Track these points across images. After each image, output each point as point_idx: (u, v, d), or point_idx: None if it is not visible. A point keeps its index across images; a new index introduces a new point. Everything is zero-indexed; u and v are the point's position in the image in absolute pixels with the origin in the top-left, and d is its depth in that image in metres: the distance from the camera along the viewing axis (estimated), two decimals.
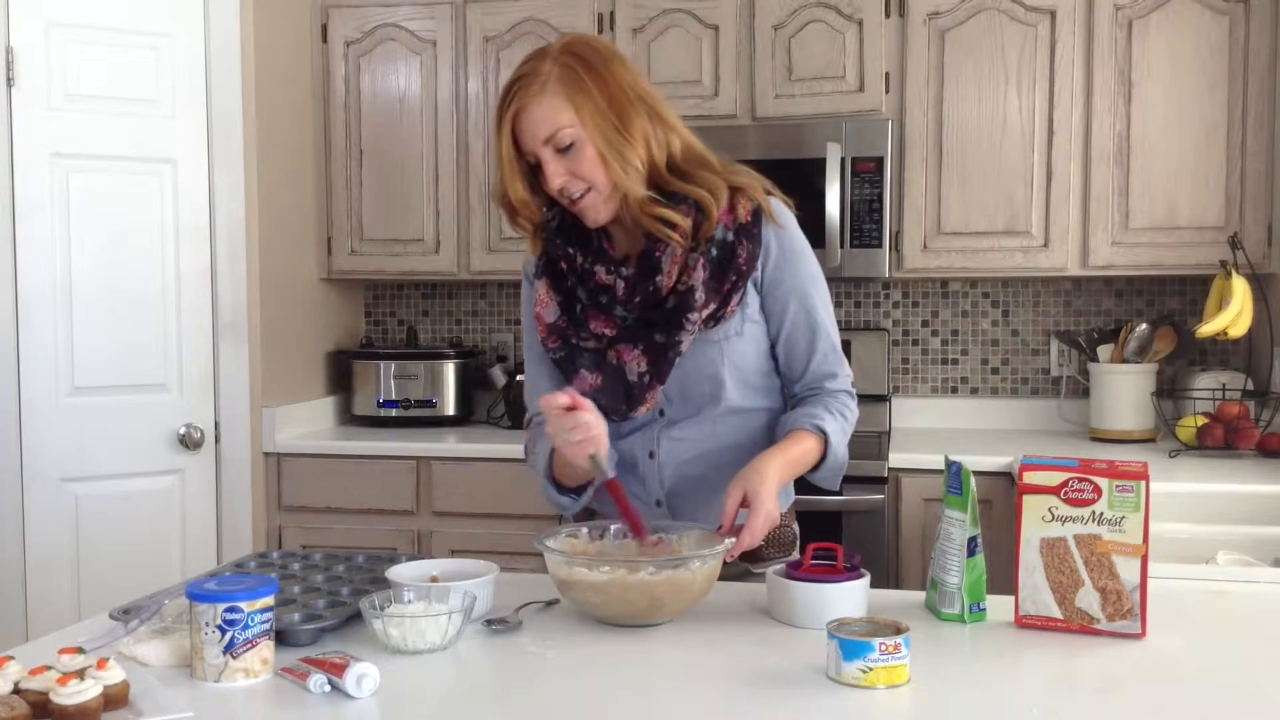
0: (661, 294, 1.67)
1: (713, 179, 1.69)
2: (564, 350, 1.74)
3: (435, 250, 3.57)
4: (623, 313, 1.70)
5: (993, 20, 3.21)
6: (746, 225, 1.69)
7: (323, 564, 1.74)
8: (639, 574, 1.45)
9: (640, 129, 1.64)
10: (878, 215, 3.22)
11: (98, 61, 3.01)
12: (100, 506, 3.04)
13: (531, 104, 1.60)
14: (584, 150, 1.61)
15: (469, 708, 1.26)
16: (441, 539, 3.27)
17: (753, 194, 1.71)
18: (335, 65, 3.60)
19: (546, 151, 1.62)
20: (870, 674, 1.24)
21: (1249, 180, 3.11)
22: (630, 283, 1.69)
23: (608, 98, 1.61)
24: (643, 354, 1.69)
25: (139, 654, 1.35)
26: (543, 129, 1.60)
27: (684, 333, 1.67)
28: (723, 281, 1.68)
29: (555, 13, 3.44)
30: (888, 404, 3.51)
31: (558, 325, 1.74)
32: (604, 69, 1.63)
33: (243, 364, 3.25)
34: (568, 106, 1.60)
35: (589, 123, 1.60)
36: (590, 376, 1.72)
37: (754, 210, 1.70)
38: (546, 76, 1.61)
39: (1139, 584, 1.42)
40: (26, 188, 2.92)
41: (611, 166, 1.62)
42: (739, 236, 1.69)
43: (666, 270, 1.67)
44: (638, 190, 1.63)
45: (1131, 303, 3.53)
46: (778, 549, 1.80)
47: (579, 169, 1.62)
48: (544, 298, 1.76)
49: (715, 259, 1.68)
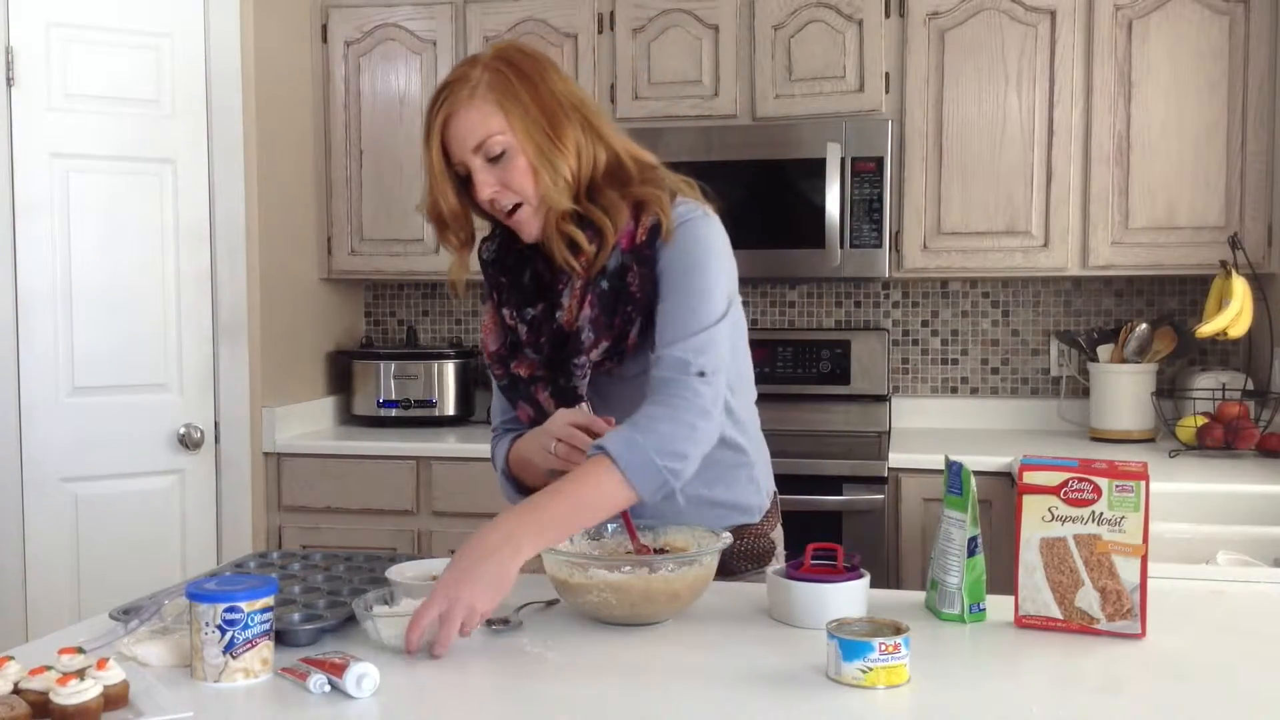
0: (564, 332, 1.60)
1: (615, 199, 1.58)
2: (506, 379, 1.70)
3: (435, 250, 3.57)
4: (532, 355, 1.65)
5: (993, 20, 3.22)
6: (639, 247, 1.58)
7: (323, 564, 1.74)
8: (659, 573, 1.46)
9: (572, 138, 1.57)
10: (878, 215, 3.22)
11: (98, 61, 3.01)
12: (100, 506, 3.04)
13: (461, 110, 1.54)
14: (515, 160, 1.55)
15: (469, 708, 1.26)
16: (441, 539, 3.27)
17: (656, 207, 1.58)
18: (335, 65, 3.60)
19: (476, 160, 1.56)
20: (870, 674, 1.24)
21: (1249, 180, 3.11)
22: (534, 324, 1.63)
23: (539, 105, 1.55)
24: (551, 397, 1.64)
25: (139, 654, 1.35)
26: (472, 137, 1.54)
27: (575, 377, 1.59)
28: (614, 315, 1.58)
29: (555, 13, 3.44)
30: (888, 404, 3.51)
31: (499, 354, 1.70)
32: (536, 75, 1.57)
33: (243, 364, 3.25)
34: (498, 113, 1.54)
35: (520, 130, 1.54)
36: (527, 408, 1.69)
37: (651, 227, 1.58)
38: (476, 82, 1.54)
39: (1139, 584, 1.42)
40: (26, 188, 2.92)
41: (541, 177, 1.55)
42: (632, 261, 1.57)
43: (567, 306, 1.59)
44: (563, 203, 1.56)
45: (1131, 303, 3.53)
46: (750, 561, 1.75)
47: (509, 180, 1.56)
48: (489, 324, 1.72)
49: (605, 292, 1.58)
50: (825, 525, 2.95)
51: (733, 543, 1.69)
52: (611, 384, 1.64)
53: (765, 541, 1.78)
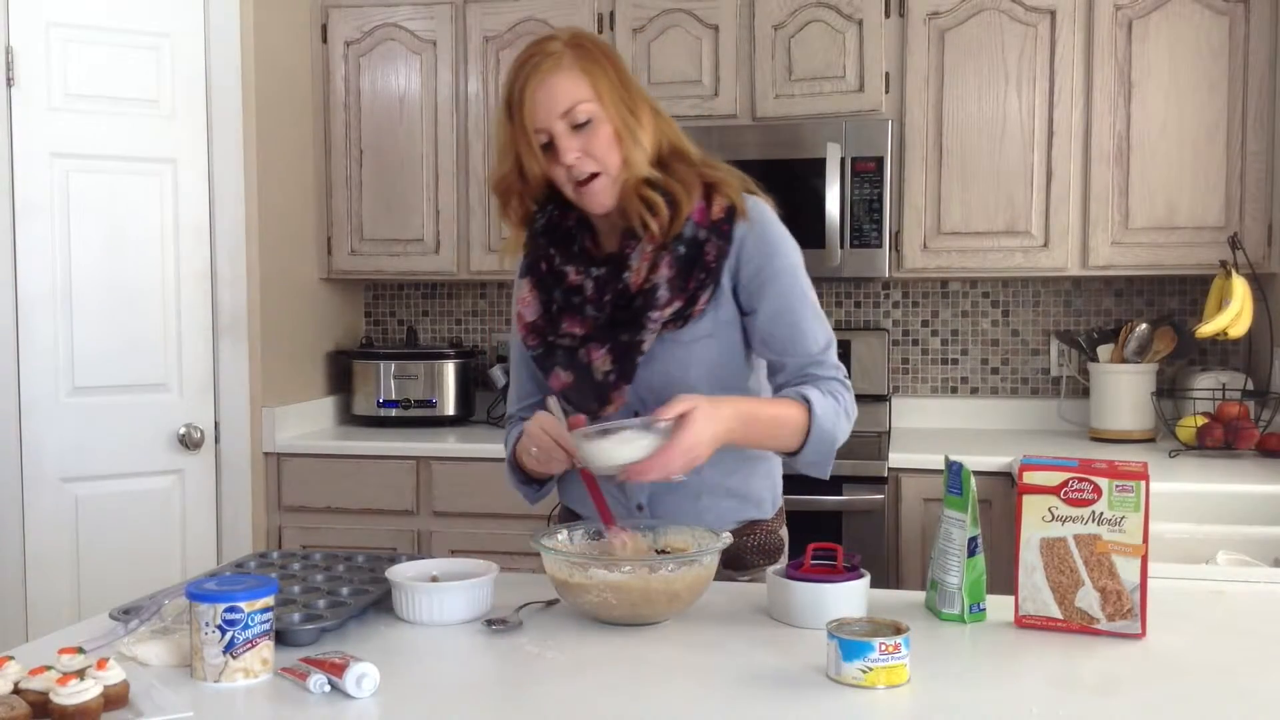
0: (630, 292, 1.66)
1: (688, 173, 1.67)
2: (541, 348, 1.74)
3: (435, 250, 3.57)
4: (593, 312, 1.69)
5: (993, 20, 3.22)
6: (717, 222, 1.66)
7: (323, 564, 1.74)
8: (659, 572, 1.46)
9: (647, 114, 1.65)
10: (878, 215, 3.22)
11: (98, 61, 3.01)
12: (100, 506, 3.04)
13: (550, 77, 1.60)
14: (599, 128, 1.61)
15: (469, 708, 1.26)
16: (441, 539, 3.27)
17: (727, 191, 1.68)
18: (335, 65, 3.60)
19: (561, 125, 1.61)
20: (870, 674, 1.24)
21: (1249, 180, 3.11)
22: (600, 283, 1.68)
23: (621, 79, 1.63)
24: (608, 353, 1.67)
25: (139, 654, 1.35)
26: (561, 102, 1.60)
27: (646, 331, 1.65)
28: (689, 279, 1.65)
29: (555, 13, 3.44)
30: (888, 404, 3.51)
31: (536, 324, 1.74)
32: (614, 56, 1.66)
33: (243, 364, 3.25)
34: (585, 81, 1.60)
35: (607, 99, 1.61)
36: (563, 374, 1.72)
37: (728, 208, 1.67)
38: (560, 54, 1.61)
39: (1139, 584, 1.42)
40: (26, 188, 2.92)
41: (625, 143, 1.61)
42: (709, 234, 1.66)
43: (635, 268, 1.65)
44: (643, 169, 1.63)
45: (1131, 303, 3.53)
46: (762, 556, 1.78)
47: (593, 147, 1.61)
48: (526, 297, 1.76)
49: (682, 256, 1.65)
50: (825, 525, 2.95)
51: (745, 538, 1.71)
52: (670, 346, 1.68)
53: (775, 538, 1.81)
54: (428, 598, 1.50)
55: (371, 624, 1.51)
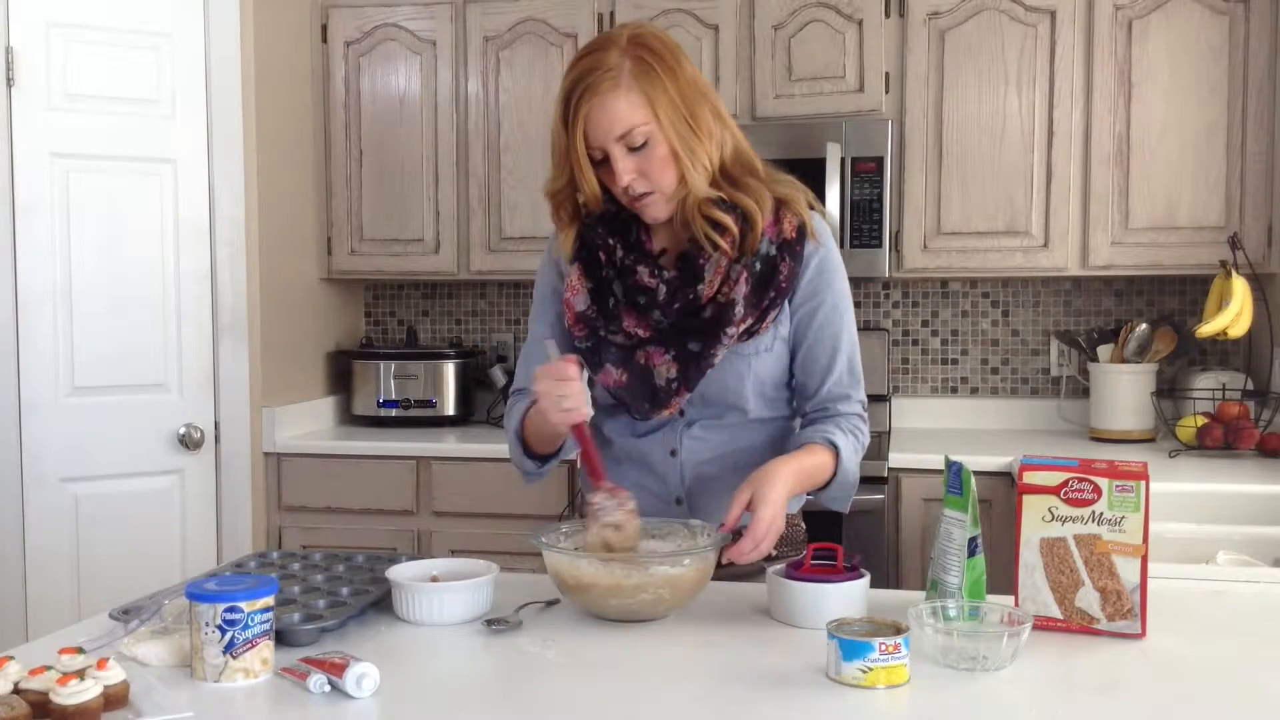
0: (701, 302, 1.65)
1: (759, 188, 1.66)
2: (591, 341, 1.71)
3: (435, 250, 3.57)
4: (659, 316, 1.68)
5: (993, 20, 3.22)
6: (790, 242, 1.67)
7: (323, 564, 1.74)
8: (662, 569, 1.47)
9: (708, 126, 1.61)
10: (878, 215, 3.22)
11: (98, 61, 3.01)
12: (100, 506, 3.04)
13: (608, 98, 1.55)
14: (655, 149, 1.58)
15: (469, 708, 1.26)
16: (441, 539, 3.27)
17: (798, 208, 1.68)
18: (335, 65, 3.60)
19: (618, 148, 1.58)
20: (870, 674, 1.24)
21: (1249, 180, 3.11)
22: (671, 288, 1.66)
23: (680, 94, 1.58)
24: (674, 360, 1.67)
25: (139, 654, 1.35)
26: (618, 126, 1.56)
27: (720, 345, 1.65)
28: (762, 298, 1.66)
29: (555, 13, 3.44)
30: (888, 404, 3.51)
31: (586, 315, 1.71)
32: (674, 63, 1.59)
33: (243, 364, 3.25)
34: (644, 103, 1.56)
35: (665, 120, 1.57)
36: (615, 372, 1.70)
37: (799, 226, 1.67)
38: (619, 70, 1.56)
39: (1139, 584, 1.42)
40: (26, 188, 2.92)
41: (683, 162, 1.59)
42: (782, 253, 1.66)
43: (709, 280, 1.65)
44: (703, 189, 1.61)
45: (1131, 303, 3.53)
46: (790, 546, 1.80)
47: (648, 169, 1.59)
48: (576, 284, 1.72)
49: (758, 274, 1.65)
50: (825, 525, 2.93)
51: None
52: (731, 358, 1.69)
53: (799, 531, 1.86)
54: (428, 598, 1.50)
55: (371, 624, 1.51)
